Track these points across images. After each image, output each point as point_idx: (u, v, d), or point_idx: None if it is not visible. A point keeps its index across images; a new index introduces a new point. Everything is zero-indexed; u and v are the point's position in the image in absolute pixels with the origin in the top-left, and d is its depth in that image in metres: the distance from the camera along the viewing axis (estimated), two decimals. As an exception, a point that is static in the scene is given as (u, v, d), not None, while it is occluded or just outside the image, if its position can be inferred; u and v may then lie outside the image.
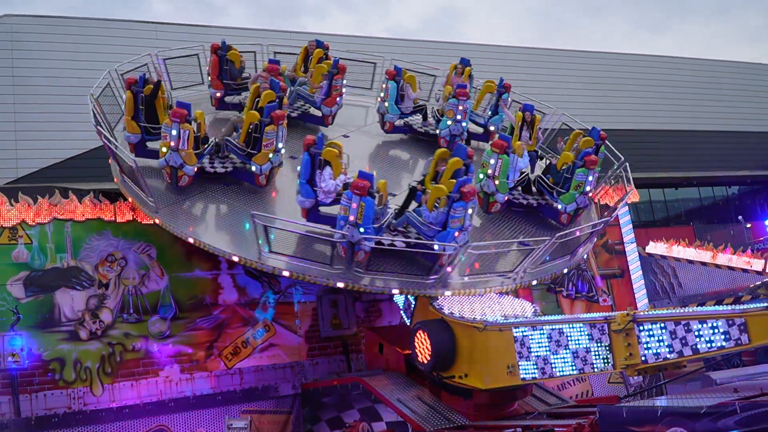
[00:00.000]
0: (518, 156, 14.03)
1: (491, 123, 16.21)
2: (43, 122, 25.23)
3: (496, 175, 13.62)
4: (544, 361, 10.78)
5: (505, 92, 16.19)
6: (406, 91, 15.87)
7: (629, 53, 38.84)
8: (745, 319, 9.01)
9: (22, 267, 13.00)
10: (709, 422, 7.71)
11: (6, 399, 12.35)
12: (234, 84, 15.28)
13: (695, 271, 17.28)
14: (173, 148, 11.86)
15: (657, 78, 38.14)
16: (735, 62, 42.06)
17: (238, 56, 15.43)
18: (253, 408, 14.06)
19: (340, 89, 15.32)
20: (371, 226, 11.26)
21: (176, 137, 11.78)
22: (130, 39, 26.61)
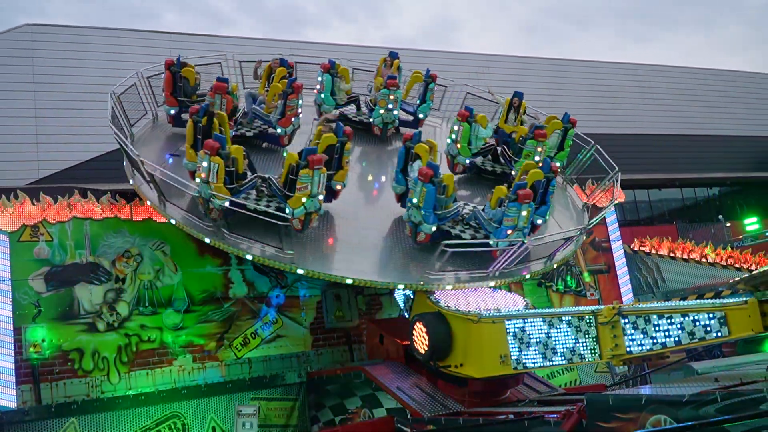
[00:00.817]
0: (481, 126, 14.95)
1: (420, 111, 16.43)
2: (62, 126, 25.24)
3: (458, 140, 14.77)
4: (535, 352, 10.82)
5: (431, 82, 16.45)
6: (339, 83, 15.98)
7: (615, 62, 38.78)
8: (725, 313, 9.04)
9: (43, 263, 13.02)
10: (691, 410, 7.72)
11: (28, 387, 12.37)
12: (188, 101, 14.13)
13: (678, 267, 17.28)
14: (204, 180, 11.51)
15: (642, 85, 38.17)
16: (716, 70, 42.06)
17: (192, 73, 14.49)
18: (262, 395, 14.08)
19: (296, 109, 14.33)
20: (432, 212, 11.96)
21: (206, 169, 11.37)
22: (144, 48, 26.63)
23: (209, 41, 27.55)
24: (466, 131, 14.71)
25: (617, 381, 16.03)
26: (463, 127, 14.67)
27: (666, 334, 9.61)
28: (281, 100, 14.05)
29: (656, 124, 37.55)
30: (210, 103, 13.18)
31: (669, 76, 39.61)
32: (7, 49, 25.57)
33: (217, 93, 13.16)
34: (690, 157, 38.03)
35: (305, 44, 22.89)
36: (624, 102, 37.14)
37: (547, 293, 17.35)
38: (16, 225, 12.92)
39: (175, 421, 13.31)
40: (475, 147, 15.03)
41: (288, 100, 14.00)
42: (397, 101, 15.93)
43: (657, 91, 38.46)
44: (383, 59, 17.15)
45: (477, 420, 10.91)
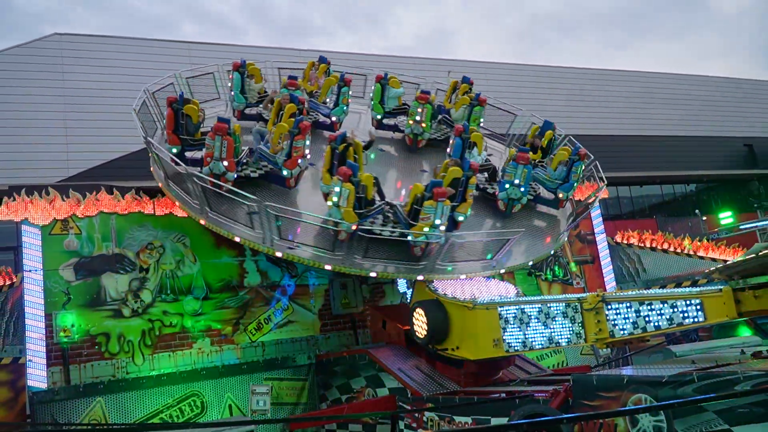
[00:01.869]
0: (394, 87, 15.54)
1: (333, 114, 15.55)
2: (89, 128, 25.27)
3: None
4: (526, 336, 10.83)
5: (344, 86, 15.58)
6: (250, 83, 15.09)
7: (599, 68, 38.78)
8: (701, 300, 9.04)
9: (72, 254, 13.04)
10: (670, 390, 7.74)
11: (58, 369, 12.39)
12: (191, 140, 12.70)
13: (657, 257, 17.26)
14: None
15: (624, 90, 38.15)
16: (693, 76, 42.01)
17: (195, 110, 12.85)
18: (274, 376, 14.11)
19: (302, 150, 12.71)
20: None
21: (338, 194, 11.23)
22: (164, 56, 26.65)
23: (223, 49, 27.59)
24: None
25: (601, 363, 16.04)
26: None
27: (646, 320, 9.62)
28: (288, 141, 12.57)
29: (637, 126, 37.58)
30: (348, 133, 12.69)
31: (650, 81, 39.61)
32: (37, 56, 25.61)
33: (218, 134, 11.82)
34: (669, 157, 38.02)
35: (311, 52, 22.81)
36: (607, 105, 37.16)
37: (537, 282, 17.36)
38: (47, 219, 12.94)
39: (195, 400, 13.35)
40: (388, 106, 15.44)
41: (295, 141, 12.55)
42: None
43: (637, 96, 38.45)
44: (312, 63, 16.65)
45: (472, 398, 10.93)
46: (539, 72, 36.08)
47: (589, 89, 37.06)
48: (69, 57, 26.06)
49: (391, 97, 15.62)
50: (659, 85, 39.89)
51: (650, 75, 40.19)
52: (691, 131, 39.75)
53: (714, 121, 40.98)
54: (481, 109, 15.71)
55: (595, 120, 35.79)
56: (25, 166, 23.98)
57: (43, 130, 24.94)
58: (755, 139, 41.86)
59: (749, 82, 44.57)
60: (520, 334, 10.88)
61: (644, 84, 39.29)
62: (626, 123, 37.43)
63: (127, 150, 24.23)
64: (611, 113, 37.12)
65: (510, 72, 34.31)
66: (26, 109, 24.88)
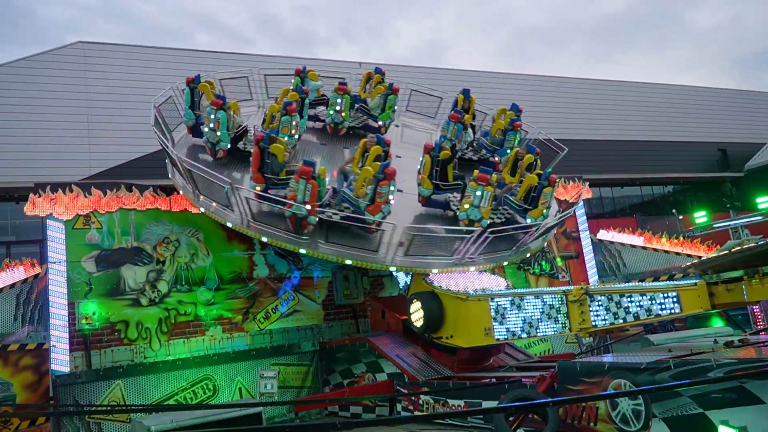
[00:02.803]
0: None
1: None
2: (110, 130, 25.27)
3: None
4: (515, 325, 10.83)
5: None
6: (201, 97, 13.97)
7: (583, 78, 38.81)
8: (677, 293, 9.05)
9: (94, 247, 13.02)
10: (648, 376, 7.75)
11: (80, 354, 12.39)
12: (275, 179, 12.03)
13: (637, 253, 17.25)
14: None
15: (607, 98, 38.18)
16: (669, 85, 42.05)
17: (281, 149, 12.05)
18: (281, 361, 14.12)
19: (386, 196, 11.77)
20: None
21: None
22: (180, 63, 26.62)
23: (234, 58, 27.59)
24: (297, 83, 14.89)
25: (584, 350, 16.04)
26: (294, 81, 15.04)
27: (626, 311, 9.63)
28: (372, 185, 11.76)
29: (618, 131, 37.60)
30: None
31: (630, 90, 39.65)
32: (63, 62, 25.62)
33: (302, 177, 11.23)
34: (648, 160, 38.05)
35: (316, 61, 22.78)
36: (590, 112, 37.17)
37: (525, 275, 17.36)
38: (70, 215, 12.92)
39: (207, 383, 13.35)
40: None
41: (379, 186, 11.71)
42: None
43: (618, 103, 38.50)
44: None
45: (464, 383, 10.95)
46: (528, 81, 36.11)
47: (574, 98, 37.09)
48: (92, 64, 26.08)
49: (311, 89, 15.45)
50: (639, 93, 39.95)
51: (631, 84, 40.25)
52: (669, 137, 39.82)
53: (690, 128, 41.05)
54: (394, 97, 15.79)
55: (580, 126, 35.81)
56: (50, 165, 23.97)
57: (67, 132, 24.94)
58: (728, 144, 41.92)
59: (722, 91, 44.65)
60: (509, 323, 10.89)
61: (625, 92, 39.37)
62: (608, 129, 37.47)
63: (145, 151, 24.24)
64: (594, 120, 37.18)
65: (500, 81, 34.30)
66: (52, 112, 24.90)
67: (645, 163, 37.75)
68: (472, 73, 33.89)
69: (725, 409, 6.91)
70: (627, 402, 7.97)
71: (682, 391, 7.30)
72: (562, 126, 32.14)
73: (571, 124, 34.92)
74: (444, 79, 31.06)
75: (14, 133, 24.07)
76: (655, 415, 7.65)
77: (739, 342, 9.00)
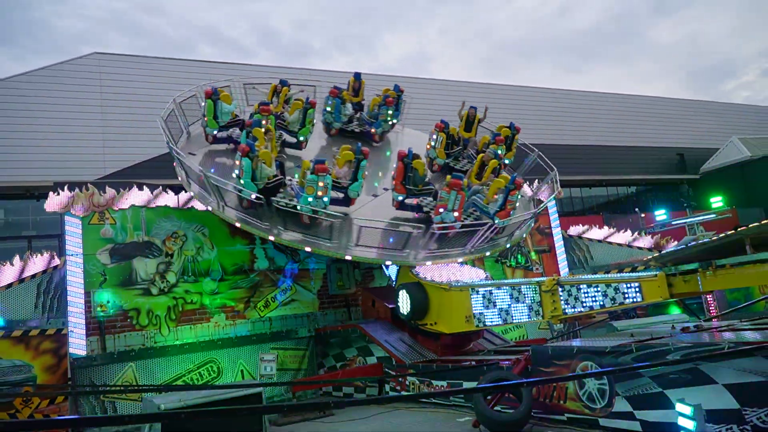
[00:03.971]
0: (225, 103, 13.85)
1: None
2: (123, 134, 25.17)
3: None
4: (492, 313, 10.87)
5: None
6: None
7: (554, 88, 38.97)
8: (639, 283, 9.11)
9: (108, 241, 12.94)
10: (612, 358, 7.80)
11: (95, 338, 12.33)
12: (415, 189, 12.71)
13: (603, 248, 17.32)
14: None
15: (576, 106, 38.35)
16: (633, 95, 42.30)
17: (422, 165, 12.73)
18: (279, 346, 14.09)
19: (515, 203, 12.37)
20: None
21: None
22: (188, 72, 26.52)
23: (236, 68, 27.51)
24: (210, 107, 13.53)
25: (555, 336, 16.12)
26: (207, 103, 13.50)
27: (593, 300, 9.69)
28: (503, 194, 12.34)
29: (586, 137, 37.80)
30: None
31: (598, 99, 39.85)
32: (80, 71, 25.47)
33: (453, 189, 11.99)
34: (614, 163, 38.29)
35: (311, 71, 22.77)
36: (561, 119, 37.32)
37: (503, 268, 17.42)
38: (87, 211, 12.84)
39: (212, 365, 13.31)
40: (222, 120, 13.74)
41: (510, 195, 12.34)
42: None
43: (586, 111, 38.70)
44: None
45: (447, 366, 10.98)
46: (505, 91, 36.18)
47: (547, 106, 37.23)
48: (107, 72, 25.94)
49: (224, 112, 13.92)
50: (605, 102, 40.16)
51: (598, 94, 40.46)
52: (632, 142, 40.07)
53: (651, 134, 41.31)
54: (313, 111, 14.73)
55: (552, 131, 35.95)
56: (67, 166, 23.84)
57: (83, 135, 24.82)
58: (686, 149, 42.23)
59: (681, 101, 44.93)
60: (488, 311, 10.93)
61: (593, 102, 39.55)
62: (578, 134, 37.64)
63: (154, 153, 24.16)
64: (565, 126, 37.33)
65: (480, 90, 34.33)
66: (69, 117, 24.75)
67: (611, 166, 38.00)
68: (455, 83, 33.96)
69: (682, 388, 6.97)
70: (593, 382, 8.03)
71: (643, 372, 7.36)
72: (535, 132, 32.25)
73: (544, 130, 35.05)
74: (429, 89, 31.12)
75: (35, 137, 23.92)
76: (618, 394, 7.70)
77: (695, 328, 9.08)
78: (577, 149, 36.40)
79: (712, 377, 6.72)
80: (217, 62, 28.88)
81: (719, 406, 6.59)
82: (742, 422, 6.41)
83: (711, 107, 46.03)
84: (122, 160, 24.99)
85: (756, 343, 6.55)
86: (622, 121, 39.97)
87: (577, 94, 39.26)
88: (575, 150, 36.16)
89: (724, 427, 6.53)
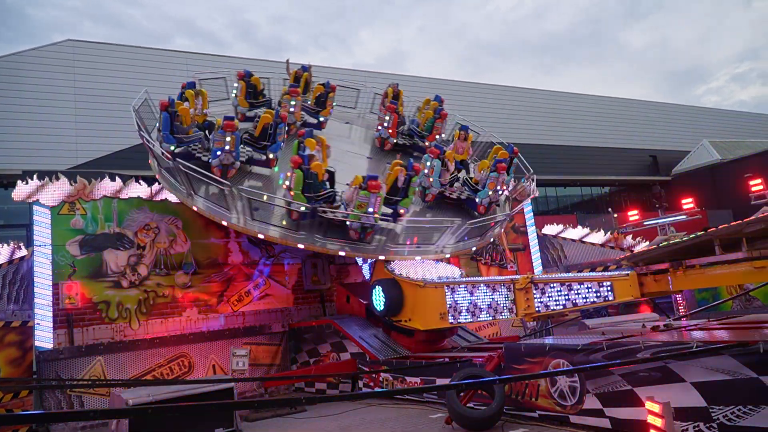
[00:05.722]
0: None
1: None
2: (96, 123, 24.73)
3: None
4: (467, 310, 10.87)
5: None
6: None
7: (530, 88, 39.24)
8: (611, 282, 9.18)
9: (78, 232, 12.67)
10: (583, 356, 7.84)
11: (63, 331, 12.07)
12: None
13: (576, 247, 17.48)
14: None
15: (551, 107, 38.67)
16: (607, 97, 42.79)
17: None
18: (252, 341, 13.95)
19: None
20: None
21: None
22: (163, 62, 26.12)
23: (213, 60, 27.19)
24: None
25: (528, 333, 16.22)
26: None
27: (566, 298, 9.74)
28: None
29: (561, 137, 38.12)
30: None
31: (572, 101, 40.20)
32: (53, 59, 24.95)
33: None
34: (588, 164, 38.68)
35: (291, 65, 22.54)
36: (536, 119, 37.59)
37: (477, 265, 17.47)
38: (56, 201, 12.55)
39: (183, 360, 13.12)
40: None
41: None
42: None
43: (562, 113, 39.02)
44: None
45: (420, 362, 10.96)
46: (481, 89, 36.33)
47: (522, 106, 37.47)
48: (81, 60, 25.46)
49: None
50: (580, 104, 40.55)
51: (573, 95, 40.83)
52: (606, 143, 40.52)
53: (625, 136, 41.84)
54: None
55: (527, 131, 36.19)
56: (38, 154, 23.34)
57: (56, 124, 24.35)
58: (658, 151, 42.88)
59: (653, 103, 45.60)
60: (462, 308, 10.92)
61: (567, 103, 39.91)
62: (553, 135, 37.94)
63: (128, 144, 23.78)
64: (540, 126, 37.60)
65: (456, 88, 34.45)
66: (41, 104, 24.25)
67: (584, 167, 38.40)
68: (430, 80, 33.97)
69: (651, 386, 7.03)
70: (565, 379, 8.06)
71: (613, 370, 7.41)
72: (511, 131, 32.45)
73: (520, 129, 35.29)
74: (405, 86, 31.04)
75: (4, 123, 23.35)
76: (588, 391, 7.75)
77: (664, 327, 9.17)
78: (551, 149, 36.71)
79: (681, 375, 6.78)
80: (193, 53, 28.50)
81: (687, 404, 6.65)
82: (709, 420, 6.48)
83: (683, 110, 46.79)
84: (95, 150, 24.56)
85: (723, 342, 6.62)
86: (596, 123, 40.42)
87: (552, 94, 39.59)
88: (550, 150, 36.47)
89: (692, 425, 6.60)
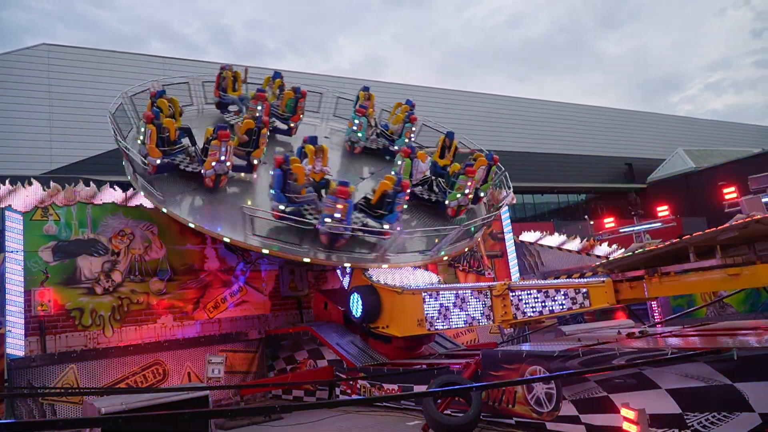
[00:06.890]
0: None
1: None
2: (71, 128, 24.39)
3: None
4: (444, 317, 10.86)
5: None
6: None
7: (506, 96, 39.52)
8: (587, 289, 9.22)
9: (51, 238, 12.44)
10: (560, 362, 7.86)
11: (35, 339, 11.82)
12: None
13: (553, 254, 17.60)
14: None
15: (527, 115, 39.01)
16: (583, 105, 43.29)
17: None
18: (228, 348, 13.79)
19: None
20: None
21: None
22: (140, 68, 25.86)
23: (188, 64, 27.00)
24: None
25: (505, 340, 16.26)
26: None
27: (542, 305, 9.77)
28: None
29: (538, 145, 38.45)
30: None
31: (548, 108, 40.59)
32: (27, 63, 24.58)
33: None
34: (565, 171, 39.04)
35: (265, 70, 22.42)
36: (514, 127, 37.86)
37: (455, 272, 17.50)
38: (29, 206, 12.31)
39: (158, 368, 12.91)
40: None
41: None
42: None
43: (538, 120, 39.37)
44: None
45: (398, 369, 10.92)
46: (457, 96, 36.51)
47: (499, 113, 37.74)
48: (55, 65, 25.10)
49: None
50: (556, 112, 40.95)
51: (549, 103, 41.23)
52: (582, 151, 40.97)
53: (601, 144, 42.33)
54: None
55: (504, 139, 36.43)
56: (10, 159, 22.93)
57: (29, 129, 23.98)
58: (634, 159, 43.46)
59: (629, 112, 46.23)
60: (439, 315, 10.91)
61: (543, 111, 40.29)
62: (529, 142, 38.25)
63: (103, 149, 23.48)
64: (516, 133, 37.88)
65: (433, 95, 34.58)
66: (14, 108, 23.85)
67: (561, 174, 38.75)
68: (408, 87, 34.06)
69: (626, 392, 7.06)
70: (541, 386, 8.08)
71: (589, 377, 7.44)
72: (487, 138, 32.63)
73: (496, 136, 35.51)
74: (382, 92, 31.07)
75: (-24, 128, 22.89)
76: (565, 398, 7.76)
77: (640, 333, 9.25)
78: (528, 156, 37.01)
79: (656, 382, 6.82)
80: (169, 57, 28.24)
81: (662, 410, 6.70)
82: (683, 426, 6.53)
83: (658, 119, 47.52)
84: (69, 155, 24.19)
85: (698, 349, 6.69)
86: (572, 130, 40.86)
87: (529, 102, 39.95)
88: (527, 157, 36.75)
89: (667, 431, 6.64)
